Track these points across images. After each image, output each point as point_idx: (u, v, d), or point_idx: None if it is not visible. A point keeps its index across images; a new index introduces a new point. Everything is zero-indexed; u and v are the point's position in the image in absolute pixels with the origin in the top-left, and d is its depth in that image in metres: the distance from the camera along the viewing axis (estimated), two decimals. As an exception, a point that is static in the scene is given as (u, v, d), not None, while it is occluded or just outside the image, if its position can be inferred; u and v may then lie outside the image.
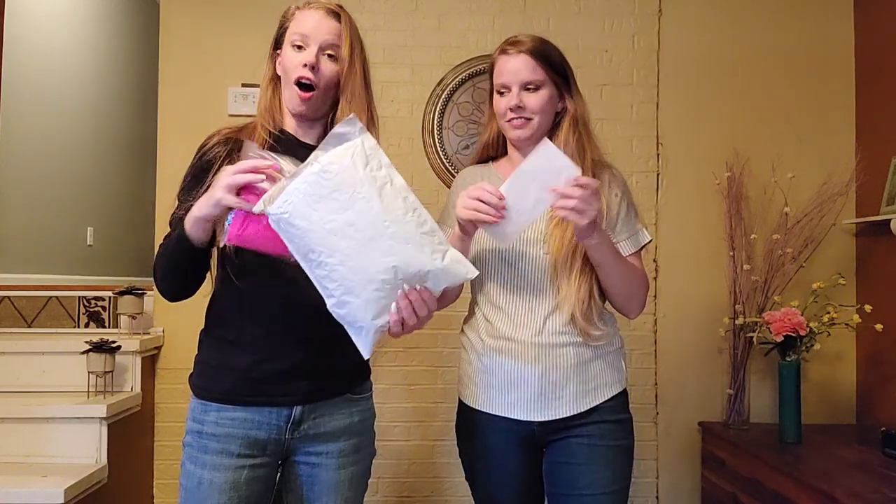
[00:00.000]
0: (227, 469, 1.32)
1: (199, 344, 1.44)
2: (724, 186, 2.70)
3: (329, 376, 1.40)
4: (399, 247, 1.15)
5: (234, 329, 1.36)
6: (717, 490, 2.51)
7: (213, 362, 1.38)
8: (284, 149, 1.37)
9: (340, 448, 1.40)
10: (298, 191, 1.13)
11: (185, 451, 1.37)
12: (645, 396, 2.71)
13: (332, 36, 1.37)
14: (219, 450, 1.32)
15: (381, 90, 2.72)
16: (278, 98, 1.44)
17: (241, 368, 1.34)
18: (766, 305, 2.56)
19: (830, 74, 2.78)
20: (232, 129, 1.43)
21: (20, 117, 3.58)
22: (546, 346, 1.47)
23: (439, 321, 1.64)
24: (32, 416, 2.24)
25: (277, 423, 1.35)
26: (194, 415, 1.37)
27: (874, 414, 2.61)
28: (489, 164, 1.64)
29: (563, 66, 1.52)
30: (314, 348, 1.36)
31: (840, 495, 1.78)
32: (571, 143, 1.50)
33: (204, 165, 1.37)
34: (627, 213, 1.54)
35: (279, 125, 1.43)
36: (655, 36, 2.77)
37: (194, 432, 1.35)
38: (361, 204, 1.14)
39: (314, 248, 1.14)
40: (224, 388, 1.34)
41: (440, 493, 2.67)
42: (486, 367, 1.52)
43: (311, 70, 1.35)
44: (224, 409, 1.34)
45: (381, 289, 1.16)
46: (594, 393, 1.49)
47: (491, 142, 1.62)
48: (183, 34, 2.72)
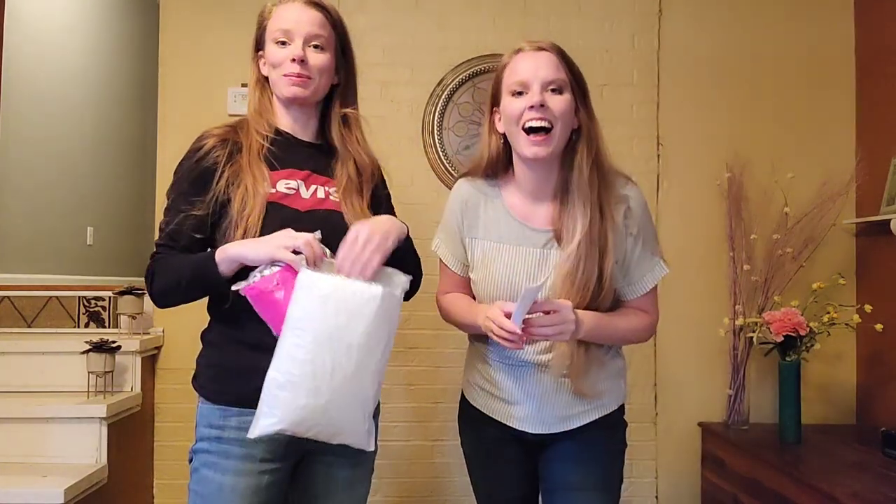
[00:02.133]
0: (249, 474, 1.30)
1: (205, 346, 1.42)
2: (724, 187, 2.70)
3: None
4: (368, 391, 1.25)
5: (251, 332, 1.31)
6: (717, 490, 2.51)
7: (233, 366, 1.35)
8: (287, 151, 1.38)
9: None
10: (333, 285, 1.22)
11: (199, 456, 1.34)
12: (645, 396, 2.71)
13: (316, 27, 1.36)
14: (243, 455, 1.30)
15: (381, 90, 2.72)
16: (268, 99, 1.43)
17: (263, 370, 1.29)
18: (767, 305, 2.56)
19: (830, 74, 2.78)
20: (224, 130, 1.40)
21: (20, 118, 3.58)
22: (547, 368, 1.46)
23: (439, 321, 1.64)
24: (32, 416, 2.24)
25: None
26: (210, 420, 1.34)
27: (874, 414, 2.61)
28: (495, 188, 1.49)
29: (582, 76, 1.42)
30: None
31: (840, 495, 1.78)
32: (585, 171, 1.38)
33: (204, 171, 1.34)
34: (643, 252, 1.46)
35: (273, 126, 1.41)
36: (655, 36, 2.77)
37: (212, 438, 1.33)
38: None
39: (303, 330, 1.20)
40: (247, 392, 1.29)
41: (440, 493, 2.67)
42: (490, 378, 1.53)
43: (300, 64, 1.34)
44: (246, 412, 1.28)
45: (330, 402, 1.21)
46: (592, 412, 1.49)
47: (491, 162, 1.48)
48: (183, 34, 2.72)
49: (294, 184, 1.38)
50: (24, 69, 3.60)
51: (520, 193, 1.48)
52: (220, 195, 1.32)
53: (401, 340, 2.65)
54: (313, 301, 1.19)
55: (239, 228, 1.30)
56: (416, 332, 2.64)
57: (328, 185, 1.42)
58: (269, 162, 1.37)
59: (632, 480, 2.67)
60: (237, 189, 1.32)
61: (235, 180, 1.33)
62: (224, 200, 1.33)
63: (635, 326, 1.48)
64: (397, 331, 1.30)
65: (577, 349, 1.41)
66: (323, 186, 1.41)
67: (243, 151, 1.36)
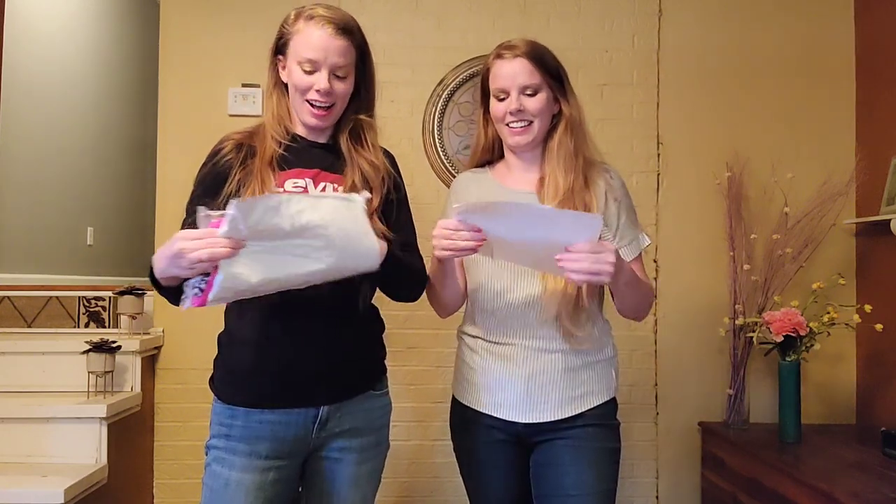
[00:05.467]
0: (254, 471, 1.36)
1: (220, 347, 1.46)
2: (724, 186, 2.70)
3: (354, 376, 1.44)
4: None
5: (259, 332, 1.38)
6: (717, 490, 2.51)
7: (237, 368, 1.40)
8: (297, 153, 1.41)
9: (361, 444, 1.45)
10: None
11: (211, 452, 1.40)
12: (645, 396, 2.70)
13: (342, 58, 1.38)
14: (247, 452, 1.36)
15: (381, 90, 2.65)
16: (286, 105, 1.45)
17: (271, 373, 1.38)
18: (766, 305, 2.55)
19: (830, 74, 2.77)
20: (243, 134, 1.44)
21: (20, 117, 3.58)
22: (535, 351, 1.48)
23: (439, 321, 1.64)
24: (32, 416, 2.24)
25: (305, 423, 1.39)
26: (221, 419, 1.40)
27: (874, 414, 2.61)
28: (485, 170, 1.63)
29: (558, 69, 1.52)
30: (340, 350, 1.40)
31: (840, 495, 1.78)
32: (566, 146, 1.50)
33: (217, 175, 1.39)
34: (627, 219, 1.54)
35: (291, 131, 1.45)
36: (655, 36, 2.77)
37: (222, 436, 1.39)
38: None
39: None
40: (253, 393, 1.38)
41: (440, 493, 2.67)
42: (477, 366, 1.55)
43: (325, 96, 1.38)
44: (251, 412, 1.37)
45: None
46: (580, 400, 1.50)
47: (486, 146, 1.61)
48: (183, 34, 2.72)
49: (302, 182, 1.39)
50: (24, 69, 3.60)
51: (509, 173, 1.58)
52: (230, 198, 1.31)
53: (401, 340, 2.65)
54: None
55: None
56: (416, 332, 2.64)
57: (338, 183, 1.42)
58: (280, 165, 1.40)
59: (632, 480, 2.67)
60: (246, 192, 1.35)
61: (246, 183, 1.36)
62: None
63: (641, 283, 1.49)
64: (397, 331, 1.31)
65: (566, 288, 1.43)
66: (332, 184, 1.42)
67: (256, 156, 1.39)
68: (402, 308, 2.67)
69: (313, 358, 1.38)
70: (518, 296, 1.49)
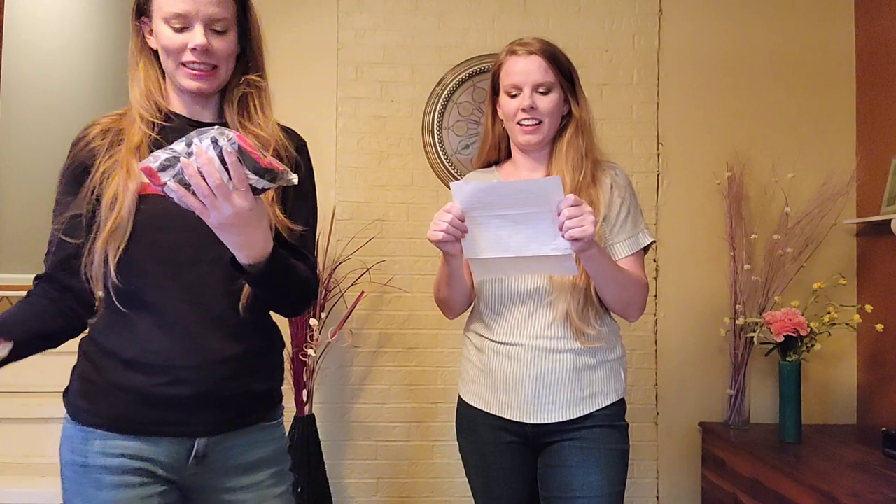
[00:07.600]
0: (132, 499, 1.13)
1: (80, 355, 1.26)
2: (724, 186, 2.70)
3: (240, 404, 1.20)
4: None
5: (127, 342, 1.16)
6: (718, 490, 2.50)
7: (100, 380, 1.17)
8: (175, 134, 1.10)
9: (260, 480, 1.22)
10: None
11: (67, 485, 1.16)
12: (645, 397, 2.70)
13: (217, 8, 1.14)
14: (117, 483, 1.13)
15: (381, 90, 2.72)
16: (155, 76, 1.21)
17: (137, 391, 1.14)
18: (767, 305, 2.55)
19: (830, 74, 2.77)
20: (112, 118, 1.23)
21: (20, 117, 3.58)
22: (543, 351, 1.47)
23: (439, 321, 1.64)
24: (32, 416, 2.24)
25: (177, 457, 1.16)
26: (73, 444, 1.16)
27: (874, 414, 2.61)
28: (493, 169, 1.64)
29: (570, 70, 1.53)
30: (225, 371, 1.16)
31: (840, 495, 1.78)
32: (576, 147, 1.50)
33: (77, 167, 1.19)
34: (629, 215, 1.53)
35: (165, 108, 1.21)
36: (655, 36, 2.77)
37: (77, 465, 1.14)
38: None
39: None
40: (113, 412, 1.14)
41: (440, 493, 2.67)
42: (484, 366, 1.54)
43: (203, 54, 1.14)
44: (110, 437, 1.13)
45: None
46: (589, 401, 1.49)
47: (493, 144, 1.62)
48: (183, 34, 2.72)
49: None
50: (24, 70, 3.61)
51: (516, 172, 1.59)
52: (95, 191, 1.15)
53: (401, 340, 2.65)
54: None
55: (104, 229, 1.12)
56: (416, 332, 2.64)
57: None
58: (152, 150, 1.10)
59: (632, 481, 2.66)
60: (109, 184, 1.14)
61: (111, 175, 1.14)
62: (99, 197, 1.15)
63: (627, 275, 1.47)
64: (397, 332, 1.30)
65: (574, 281, 1.45)
66: None
67: (123, 142, 1.17)
68: (403, 308, 2.69)
69: (192, 377, 1.14)
70: (526, 295, 1.49)
